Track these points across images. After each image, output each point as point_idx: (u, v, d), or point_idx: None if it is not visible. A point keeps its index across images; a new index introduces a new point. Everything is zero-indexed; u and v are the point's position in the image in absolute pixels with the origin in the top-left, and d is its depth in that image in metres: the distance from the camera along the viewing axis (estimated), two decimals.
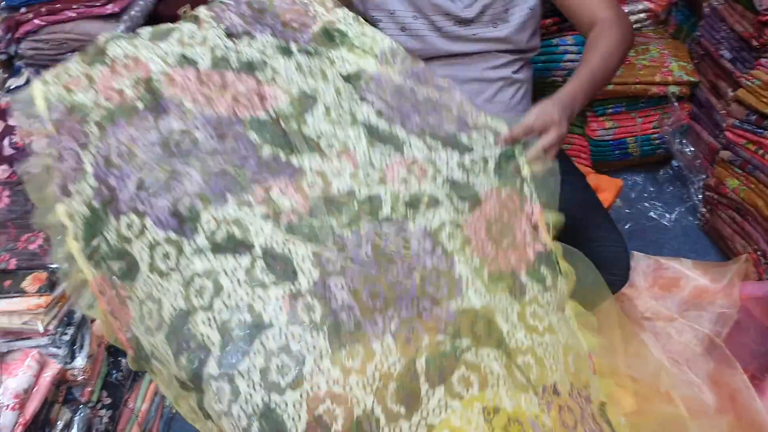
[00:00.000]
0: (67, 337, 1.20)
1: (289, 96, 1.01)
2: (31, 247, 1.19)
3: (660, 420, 1.08)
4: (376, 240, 0.89)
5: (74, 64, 0.99)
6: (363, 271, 0.86)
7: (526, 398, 0.82)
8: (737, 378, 1.11)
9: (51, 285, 1.15)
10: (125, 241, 0.88)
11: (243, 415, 0.77)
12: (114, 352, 1.41)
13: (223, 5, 1.10)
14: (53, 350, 1.17)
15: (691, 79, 1.77)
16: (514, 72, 1.29)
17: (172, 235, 0.87)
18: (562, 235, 1.22)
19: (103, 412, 1.30)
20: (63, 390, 1.20)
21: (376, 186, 0.94)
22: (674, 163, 1.88)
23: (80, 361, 1.22)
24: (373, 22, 1.24)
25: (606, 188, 1.69)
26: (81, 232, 0.89)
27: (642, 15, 1.84)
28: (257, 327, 0.80)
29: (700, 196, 1.68)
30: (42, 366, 1.12)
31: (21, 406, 1.04)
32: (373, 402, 0.78)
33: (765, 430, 1.02)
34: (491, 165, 0.99)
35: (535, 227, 0.96)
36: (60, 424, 1.18)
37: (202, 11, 1.09)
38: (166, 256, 0.86)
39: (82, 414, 1.23)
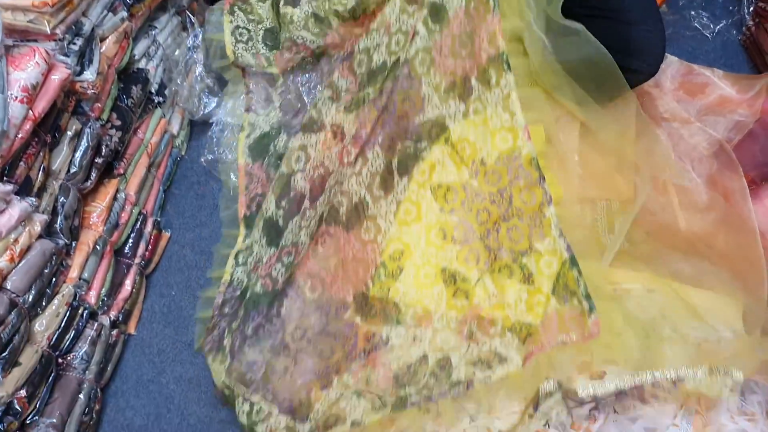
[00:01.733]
0: (75, 48, 1.17)
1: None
2: None
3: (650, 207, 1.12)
4: (387, 91, 1.19)
5: None
6: (373, 110, 1.20)
7: (459, 172, 1.15)
8: (736, 181, 1.12)
9: None
10: (285, 149, 1.38)
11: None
12: (124, 80, 1.39)
13: None
14: (61, 58, 1.15)
15: None
16: None
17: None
18: (606, 12, 1.16)
19: (113, 132, 1.33)
20: (72, 100, 1.20)
21: (400, 52, 1.20)
22: None
23: (89, 75, 1.20)
24: None
25: None
26: (250, 139, 1.44)
27: None
28: (328, 170, 1.26)
29: (752, 8, 1.56)
30: (50, 68, 1.10)
31: (30, 100, 1.04)
32: (364, 192, 1.17)
33: (747, 228, 1.07)
34: None
35: (492, 34, 1.15)
36: (69, 133, 1.21)
37: None
38: (298, 159, 1.33)
39: (92, 128, 1.25)
